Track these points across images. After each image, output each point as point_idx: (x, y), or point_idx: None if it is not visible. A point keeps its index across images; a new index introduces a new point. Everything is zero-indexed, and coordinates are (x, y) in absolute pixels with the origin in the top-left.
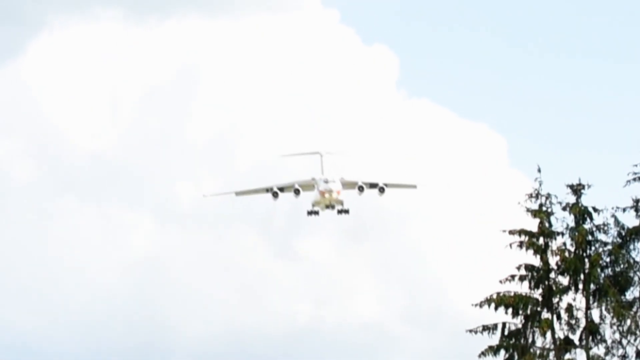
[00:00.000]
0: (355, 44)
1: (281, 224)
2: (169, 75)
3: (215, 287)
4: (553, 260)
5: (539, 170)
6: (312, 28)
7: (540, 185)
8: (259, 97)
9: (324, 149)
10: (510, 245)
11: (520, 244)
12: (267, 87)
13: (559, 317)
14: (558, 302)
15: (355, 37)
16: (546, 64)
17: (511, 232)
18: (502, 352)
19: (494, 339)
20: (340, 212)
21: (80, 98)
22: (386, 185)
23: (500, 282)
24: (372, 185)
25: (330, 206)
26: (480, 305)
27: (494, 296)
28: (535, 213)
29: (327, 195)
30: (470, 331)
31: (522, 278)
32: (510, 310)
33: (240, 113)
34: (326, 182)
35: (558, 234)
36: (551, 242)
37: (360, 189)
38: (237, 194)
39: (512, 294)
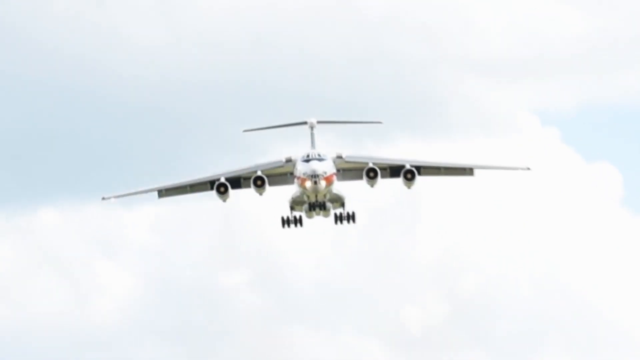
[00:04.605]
0: (577, 162)
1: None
2: (387, 200)
3: None
4: None
5: None
6: (532, 148)
7: None
8: (476, 225)
9: (315, 118)
10: None
11: None
12: (485, 210)
13: None
14: None
15: (576, 156)
16: None
17: None
18: None
19: None
20: (338, 219)
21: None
22: (418, 168)
23: None
24: (394, 171)
25: (318, 205)
26: None
27: None
28: None
29: (309, 183)
30: None
31: None
32: None
33: (461, 243)
34: (307, 160)
35: None
36: None
37: (371, 174)
38: (162, 194)
39: None
